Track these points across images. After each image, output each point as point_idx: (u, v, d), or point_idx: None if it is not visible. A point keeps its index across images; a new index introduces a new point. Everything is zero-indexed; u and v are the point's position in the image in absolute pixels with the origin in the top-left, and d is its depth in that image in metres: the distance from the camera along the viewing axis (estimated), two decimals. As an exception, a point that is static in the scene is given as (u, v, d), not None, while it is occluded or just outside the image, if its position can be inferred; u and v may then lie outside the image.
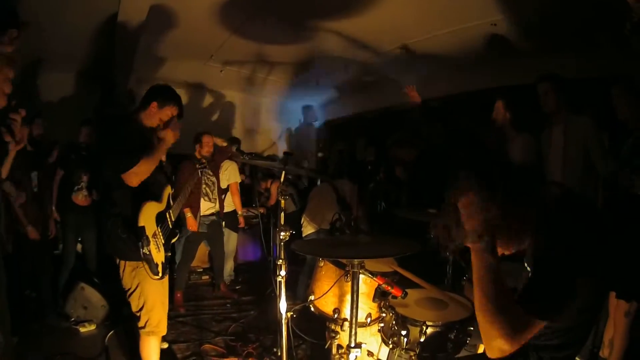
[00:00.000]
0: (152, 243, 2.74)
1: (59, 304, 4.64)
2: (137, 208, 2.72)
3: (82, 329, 4.35)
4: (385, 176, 6.02)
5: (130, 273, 2.80)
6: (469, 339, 2.38)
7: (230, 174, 5.74)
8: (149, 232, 2.72)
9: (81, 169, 4.98)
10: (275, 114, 9.15)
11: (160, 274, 2.80)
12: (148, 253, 2.70)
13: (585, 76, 4.39)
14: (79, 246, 5.13)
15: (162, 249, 2.84)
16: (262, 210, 5.90)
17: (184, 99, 7.33)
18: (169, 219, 2.98)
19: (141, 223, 2.70)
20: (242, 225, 6.03)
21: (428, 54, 5.45)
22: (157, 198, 2.89)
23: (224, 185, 5.68)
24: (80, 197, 5.00)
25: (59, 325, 4.41)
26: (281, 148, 9.13)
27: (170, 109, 2.97)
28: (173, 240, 3.09)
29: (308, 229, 4.89)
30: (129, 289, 2.83)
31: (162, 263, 2.82)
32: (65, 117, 5.97)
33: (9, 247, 3.57)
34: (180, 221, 4.82)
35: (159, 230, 2.84)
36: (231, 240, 5.96)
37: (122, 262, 2.80)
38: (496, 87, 5.32)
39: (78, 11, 4.53)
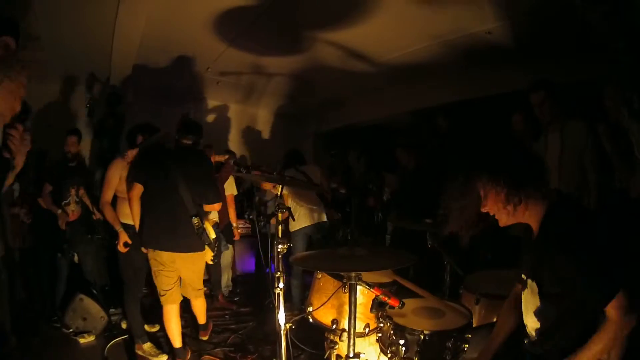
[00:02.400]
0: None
1: (55, 314, 4.64)
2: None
3: (81, 340, 4.35)
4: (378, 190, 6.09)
5: (203, 258, 3.91)
6: (466, 346, 2.40)
7: (227, 186, 5.75)
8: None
9: (69, 182, 4.79)
10: (272, 125, 9.16)
11: None
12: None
13: (583, 79, 4.41)
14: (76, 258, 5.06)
15: None
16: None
17: (180, 110, 7.38)
18: None
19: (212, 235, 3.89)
20: (237, 237, 5.98)
21: (424, 64, 5.50)
22: None
23: None
24: (68, 212, 4.79)
25: (52, 334, 4.44)
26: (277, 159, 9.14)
27: None
28: None
29: (294, 226, 5.10)
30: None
31: None
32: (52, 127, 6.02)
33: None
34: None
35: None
36: (227, 251, 5.96)
37: (196, 254, 3.78)
38: (492, 95, 5.39)
39: (74, 22, 4.58)
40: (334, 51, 5.22)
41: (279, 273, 2.65)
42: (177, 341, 3.86)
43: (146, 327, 4.52)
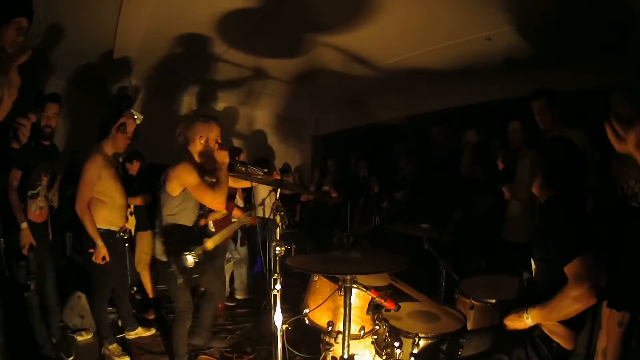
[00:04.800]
0: None
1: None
2: None
3: (79, 338, 4.35)
4: (379, 191, 6.10)
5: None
6: (460, 350, 2.43)
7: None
8: None
9: (41, 165, 3.63)
10: (271, 127, 9.19)
11: None
12: None
13: (582, 88, 4.44)
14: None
15: None
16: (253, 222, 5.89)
17: (181, 111, 7.40)
18: None
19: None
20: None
21: (424, 69, 5.52)
22: None
23: None
24: (34, 209, 3.60)
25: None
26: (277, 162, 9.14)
27: None
28: None
29: None
30: None
31: None
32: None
33: None
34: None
35: None
36: (242, 250, 5.98)
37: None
38: (491, 100, 5.42)
39: (77, 22, 4.57)
40: (334, 54, 5.24)
41: (276, 275, 2.66)
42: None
43: (141, 330, 4.52)
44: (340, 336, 2.55)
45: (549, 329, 2.14)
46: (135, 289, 5.53)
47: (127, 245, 4.48)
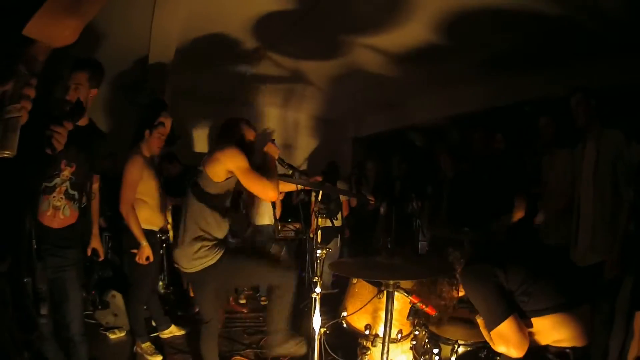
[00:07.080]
0: None
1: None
2: None
3: (111, 336, 4.40)
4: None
5: None
6: (498, 358, 2.39)
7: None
8: None
9: (62, 151, 2.21)
10: (310, 129, 9.21)
11: None
12: None
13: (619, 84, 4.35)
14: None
15: None
16: (298, 226, 5.83)
17: (220, 114, 7.44)
18: None
19: None
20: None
21: (464, 68, 5.48)
22: None
23: None
24: (45, 207, 2.57)
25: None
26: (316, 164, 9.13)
27: None
28: None
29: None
30: None
31: None
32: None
33: None
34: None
35: None
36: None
37: None
38: (521, 102, 5.35)
39: (111, 24, 4.54)
40: (373, 55, 5.23)
41: (316, 277, 2.66)
42: None
43: (175, 328, 4.55)
44: (378, 340, 2.54)
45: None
46: (171, 288, 5.62)
47: (164, 245, 4.61)
